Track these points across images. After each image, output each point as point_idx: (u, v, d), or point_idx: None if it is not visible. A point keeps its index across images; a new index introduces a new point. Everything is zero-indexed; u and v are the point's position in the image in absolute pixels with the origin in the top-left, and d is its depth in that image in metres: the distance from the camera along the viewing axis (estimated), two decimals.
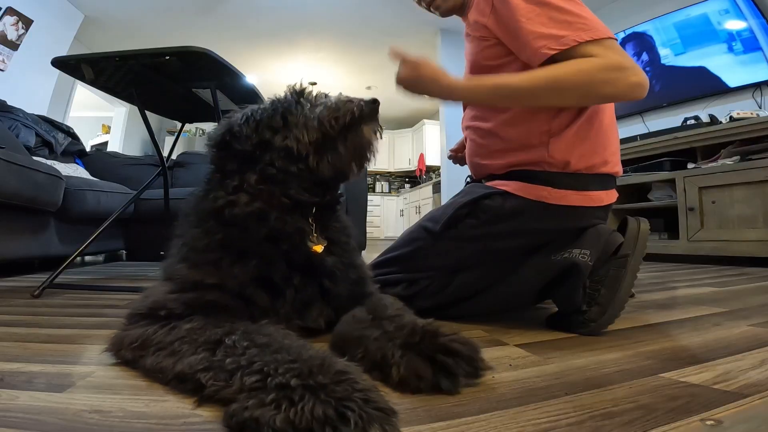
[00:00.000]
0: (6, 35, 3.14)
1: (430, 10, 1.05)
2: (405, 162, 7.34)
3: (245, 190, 0.68)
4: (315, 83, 5.77)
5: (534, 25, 0.76)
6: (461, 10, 1.02)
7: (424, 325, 0.56)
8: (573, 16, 0.75)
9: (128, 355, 0.56)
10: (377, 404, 0.38)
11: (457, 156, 1.26)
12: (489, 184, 0.92)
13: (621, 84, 0.71)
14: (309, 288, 0.69)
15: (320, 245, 0.71)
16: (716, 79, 2.79)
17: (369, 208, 3.45)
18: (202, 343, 0.50)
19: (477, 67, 0.95)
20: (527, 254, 0.86)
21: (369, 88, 5.87)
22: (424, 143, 6.77)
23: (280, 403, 0.37)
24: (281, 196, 0.69)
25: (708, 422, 0.41)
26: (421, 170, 6.85)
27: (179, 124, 1.94)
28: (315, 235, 0.71)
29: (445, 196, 4.23)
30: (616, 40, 0.78)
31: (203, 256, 0.65)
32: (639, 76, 0.72)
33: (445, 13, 1.04)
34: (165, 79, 1.39)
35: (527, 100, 0.78)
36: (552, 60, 0.76)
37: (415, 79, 0.85)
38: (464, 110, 1.05)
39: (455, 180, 4.11)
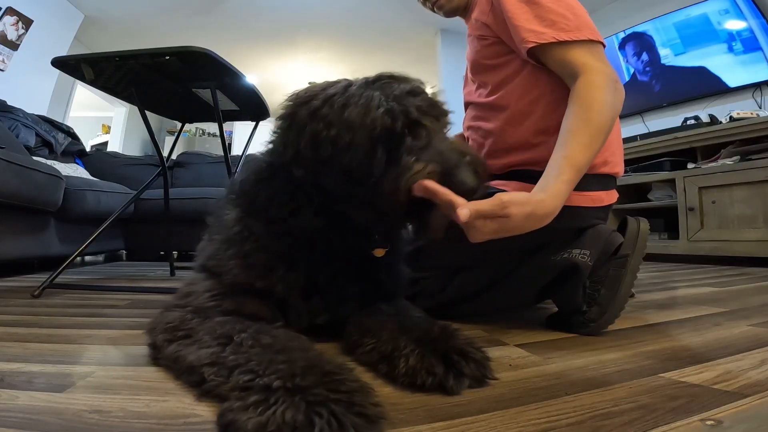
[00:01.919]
0: (6, 35, 3.14)
1: (433, 10, 1.05)
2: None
3: (310, 204, 0.63)
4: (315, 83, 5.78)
5: (521, 20, 0.79)
6: (464, 12, 1.02)
7: (443, 326, 0.57)
8: (558, 16, 0.77)
9: (159, 338, 0.57)
10: (360, 409, 0.37)
11: None
12: (490, 184, 0.92)
13: (621, 94, 0.75)
14: (350, 287, 0.68)
15: (382, 249, 0.68)
16: (716, 79, 2.78)
17: None
18: (218, 336, 0.51)
19: (477, 67, 0.95)
20: (527, 254, 0.86)
21: None
22: None
23: (259, 405, 0.37)
24: (344, 219, 0.63)
25: (708, 422, 0.41)
26: None
27: (179, 124, 1.94)
28: (378, 240, 0.68)
29: None
30: (603, 44, 0.79)
31: (266, 259, 0.63)
32: (621, 84, 0.76)
33: (448, 14, 1.04)
34: (165, 79, 1.39)
35: (595, 154, 0.72)
36: (534, 55, 0.79)
37: (506, 231, 0.62)
38: (465, 110, 1.05)
39: None
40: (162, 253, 2.76)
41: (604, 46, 0.81)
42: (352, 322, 0.65)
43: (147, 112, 1.57)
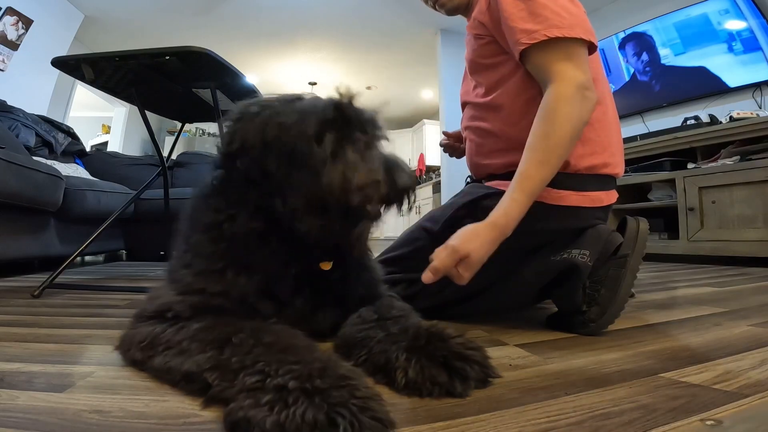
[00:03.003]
0: (6, 35, 3.14)
1: (435, 9, 1.06)
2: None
3: (246, 207, 0.63)
4: (315, 83, 5.78)
5: (515, 20, 0.79)
6: (466, 10, 1.03)
7: (429, 327, 0.56)
8: (552, 13, 0.77)
9: (137, 355, 0.56)
10: (375, 414, 0.37)
11: (450, 144, 1.22)
12: (489, 184, 0.92)
13: (590, 102, 0.75)
14: (318, 296, 0.67)
15: (328, 263, 0.67)
16: (716, 79, 2.78)
17: None
18: (210, 341, 0.49)
19: (474, 66, 0.95)
20: (527, 255, 0.86)
21: (369, 88, 5.87)
22: (424, 143, 6.77)
23: (274, 405, 0.37)
24: (280, 224, 0.63)
25: (708, 422, 0.41)
26: (421, 170, 6.85)
27: (179, 124, 1.94)
28: (320, 254, 0.67)
29: (445, 196, 4.23)
30: (594, 44, 0.79)
31: (208, 264, 0.62)
32: (593, 91, 0.76)
33: (450, 12, 1.04)
34: (165, 79, 1.39)
35: (555, 168, 0.75)
36: (528, 54, 0.79)
37: (476, 264, 0.69)
38: (462, 110, 1.05)
39: (455, 180, 4.11)
40: (162, 253, 2.75)
41: (596, 47, 0.81)
42: (338, 336, 0.64)
43: (147, 112, 1.57)
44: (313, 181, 0.57)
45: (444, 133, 1.26)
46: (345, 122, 0.60)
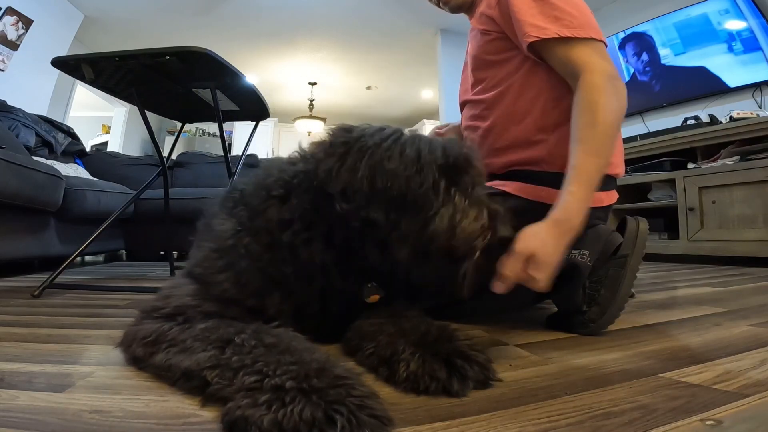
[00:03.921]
0: (6, 35, 3.14)
1: (439, 6, 1.06)
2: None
3: (324, 237, 0.60)
4: (315, 83, 5.78)
5: (525, 15, 0.80)
6: (470, 8, 1.03)
7: (440, 327, 0.57)
8: (563, 13, 0.77)
9: (139, 351, 0.55)
10: (372, 411, 0.37)
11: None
12: (489, 184, 0.92)
13: (623, 91, 0.75)
14: (344, 319, 0.66)
15: (377, 296, 0.65)
16: (716, 79, 2.78)
17: None
18: (214, 340, 0.49)
19: (478, 62, 0.95)
20: None
21: (369, 88, 5.87)
22: None
23: (272, 404, 0.37)
24: (351, 262, 0.61)
25: (708, 422, 0.41)
26: None
27: (179, 124, 1.94)
28: (374, 286, 0.65)
29: None
30: (605, 43, 0.80)
31: (261, 283, 0.60)
32: (621, 81, 0.77)
33: (454, 9, 1.04)
34: (165, 79, 1.39)
35: (606, 158, 0.74)
36: (536, 50, 0.79)
37: (545, 264, 0.65)
38: (461, 111, 1.05)
39: None
40: (162, 253, 2.76)
41: (606, 46, 0.81)
42: (351, 328, 0.64)
43: (147, 112, 1.57)
44: (422, 230, 0.56)
45: (436, 132, 1.23)
46: (454, 167, 0.59)
